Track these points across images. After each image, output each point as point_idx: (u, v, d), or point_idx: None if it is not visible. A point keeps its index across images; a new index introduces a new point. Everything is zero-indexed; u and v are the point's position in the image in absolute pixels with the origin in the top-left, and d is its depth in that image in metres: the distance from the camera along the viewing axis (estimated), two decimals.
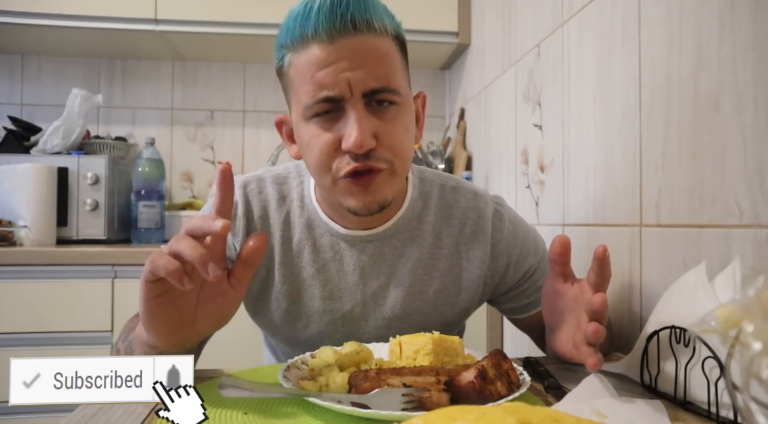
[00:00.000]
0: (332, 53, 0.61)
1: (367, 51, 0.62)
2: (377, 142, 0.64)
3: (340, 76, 0.61)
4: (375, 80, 0.63)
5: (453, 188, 0.81)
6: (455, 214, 0.79)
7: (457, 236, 0.79)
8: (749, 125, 0.65)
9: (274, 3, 1.76)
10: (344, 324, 0.78)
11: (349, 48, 0.61)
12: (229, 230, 0.53)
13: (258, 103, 2.12)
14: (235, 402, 0.56)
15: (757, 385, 0.30)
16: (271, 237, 0.76)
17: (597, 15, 1.00)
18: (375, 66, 0.63)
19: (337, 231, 0.76)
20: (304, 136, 0.67)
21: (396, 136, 0.66)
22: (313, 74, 0.62)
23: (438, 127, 2.18)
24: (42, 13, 1.68)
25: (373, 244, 0.76)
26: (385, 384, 0.51)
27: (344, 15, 0.60)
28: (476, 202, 0.80)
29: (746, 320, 0.32)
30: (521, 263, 0.81)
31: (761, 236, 0.63)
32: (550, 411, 0.34)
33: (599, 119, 0.99)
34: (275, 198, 0.77)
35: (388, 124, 0.65)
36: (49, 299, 1.39)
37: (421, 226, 0.78)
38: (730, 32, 0.68)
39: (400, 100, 0.66)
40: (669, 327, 0.57)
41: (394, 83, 0.65)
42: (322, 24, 0.61)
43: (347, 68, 0.61)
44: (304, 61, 0.63)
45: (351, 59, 0.61)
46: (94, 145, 1.79)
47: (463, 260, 0.79)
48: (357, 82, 0.62)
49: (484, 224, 0.79)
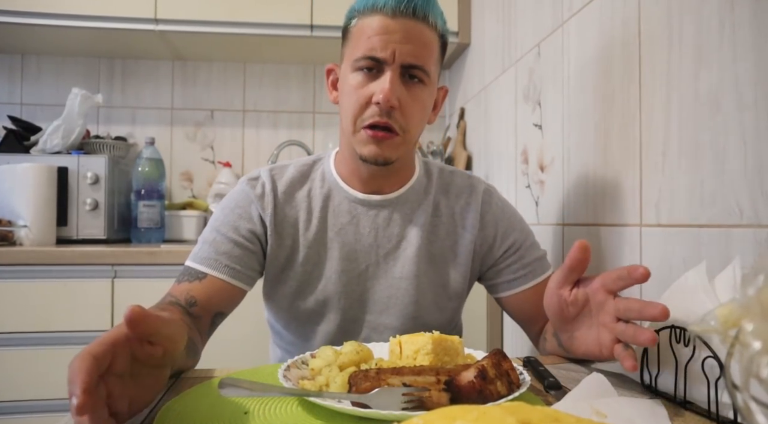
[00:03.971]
0: (390, 26, 0.76)
1: (416, 34, 0.77)
2: (399, 106, 0.77)
3: (390, 44, 0.76)
4: (414, 58, 0.77)
5: (451, 172, 0.95)
6: (452, 189, 0.92)
7: (453, 206, 0.90)
8: (749, 125, 0.65)
9: (274, 3, 1.76)
10: (359, 284, 0.86)
11: (404, 27, 0.76)
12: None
13: (258, 103, 2.12)
14: (235, 402, 0.56)
15: (756, 384, 0.30)
16: (296, 209, 0.87)
17: (597, 15, 1.00)
18: (418, 47, 0.77)
19: (354, 196, 0.87)
20: (348, 83, 0.80)
21: (414, 109, 0.79)
22: (370, 36, 0.77)
23: (438, 126, 2.18)
24: (42, 13, 1.68)
25: (386, 209, 0.87)
26: (385, 384, 0.51)
27: (410, 2, 0.76)
28: (470, 182, 0.93)
29: (746, 320, 0.32)
30: (507, 235, 0.90)
31: (761, 235, 0.63)
32: (550, 411, 0.34)
33: (599, 119, 0.99)
34: (298, 177, 0.89)
35: (411, 97, 0.79)
36: (49, 299, 1.39)
37: (427, 197, 0.90)
38: (730, 32, 0.68)
39: (428, 82, 0.80)
40: (669, 327, 0.58)
41: (428, 66, 0.79)
42: (391, 2, 0.76)
43: (397, 41, 0.76)
44: (367, 24, 0.78)
45: (402, 35, 0.76)
46: (94, 145, 1.79)
47: (458, 227, 0.90)
48: (401, 54, 0.76)
49: (476, 197, 0.91)
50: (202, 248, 0.83)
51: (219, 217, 0.86)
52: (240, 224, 0.84)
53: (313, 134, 2.14)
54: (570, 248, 0.66)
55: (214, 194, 1.90)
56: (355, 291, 0.86)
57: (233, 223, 0.84)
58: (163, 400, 0.60)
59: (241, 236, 0.83)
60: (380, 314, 0.87)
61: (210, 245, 0.82)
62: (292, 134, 2.11)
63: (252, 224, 0.84)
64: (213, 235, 0.84)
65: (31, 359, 1.38)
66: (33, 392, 1.37)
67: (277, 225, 0.85)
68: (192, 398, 0.57)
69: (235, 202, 0.86)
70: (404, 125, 0.79)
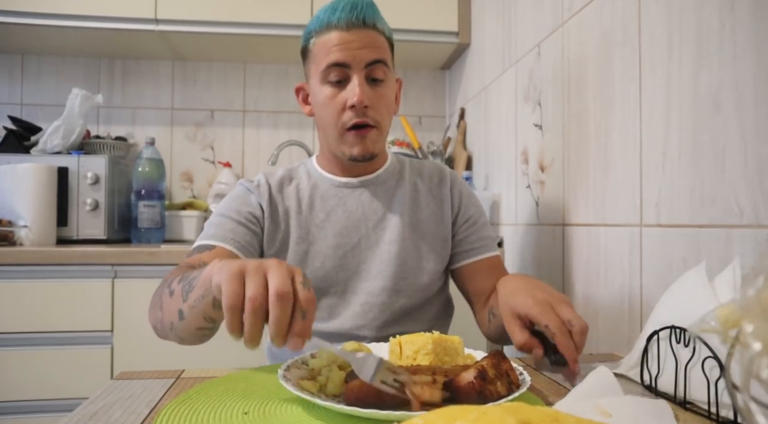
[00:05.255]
0: (346, 37, 0.87)
1: (370, 40, 0.89)
2: (370, 105, 0.89)
3: (350, 52, 0.87)
4: (374, 55, 0.89)
5: (419, 161, 1.07)
6: (424, 172, 1.04)
7: (428, 184, 1.02)
8: (749, 125, 0.65)
9: (274, 3, 1.76)
10: (354, 256, 0.95)
11: (359, 36, 0.88)
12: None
13: (258, 103, 2.12)
14: (235, 402, 0.56)
15: (756, 385, 0.30)
16: (286, 201, 0.97)
17: (597, 15, 1.00)
18: (375, 48, 0.89)
19: (338, 181, 0.98)
20: (320, 96, 0.91)
21: (382, 103, 0.91)
22: (330, 49, 0.87)
23: (438, 127, 2.18)
24: (42, 13, 1.68)
25: (369, 188, 0.98)
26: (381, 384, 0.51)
27: (359, 14, 0.87)
28: (438, 166, 1.06)
29: (746, 320, 0.32)
30: (468, 208, 1.02)
31: (761, 235, 0.63)
32: (550, 411, 0.34)
33: (600, 119, 0.99)
34: (287, 177, 1.01)
35: (377, 95, 0.90)
36: (49, 299, 1.39)
37: (402, 178, 1.01)
38: (730, 32, 0.68)
39: (388, 78, 0.92)
40: (669, 327, 0.57)
41: (387, 61, 0.91)
42: (343, 18, 0.87)
43: (356, 48, 0.87)
44: (326, 40, 0.88)
45: (359, 43, 0.87)
46: (94, 145, 1.79)
47: (436, 199, 1.01)
48: (361, 56, 0.88)
49: (445, 176, 1.04)
50: (208, 230, 0.92)
51: (221, 206, 0.96)
52: (241, 208, 0.94)
53: (313, 134, 2.13)
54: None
55: (214, 194, 1.90)
56: (351, 263, 0.95)
57: (236, 208, 0.94)
58: (164, 400, 0.60)
59: (243, 217, 0.93)
60: (374, 279, 0.94)
61: (216, 226, 0.91)
62: (292, 134, 2.11)
63: (252, 208, 0.94)
64: (217, 219, 0.93)
65: (31, 359, 1.38)
66: (33, 392, 1.37)
67: (272, 212, 0.95)
68: (192, 398, 0.57)
69: (236, 193, 0.97)
70: (378, 119, 0.91)
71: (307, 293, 0.53)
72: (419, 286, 0.95)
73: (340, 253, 0.94)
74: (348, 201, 0.97)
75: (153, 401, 0.59)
